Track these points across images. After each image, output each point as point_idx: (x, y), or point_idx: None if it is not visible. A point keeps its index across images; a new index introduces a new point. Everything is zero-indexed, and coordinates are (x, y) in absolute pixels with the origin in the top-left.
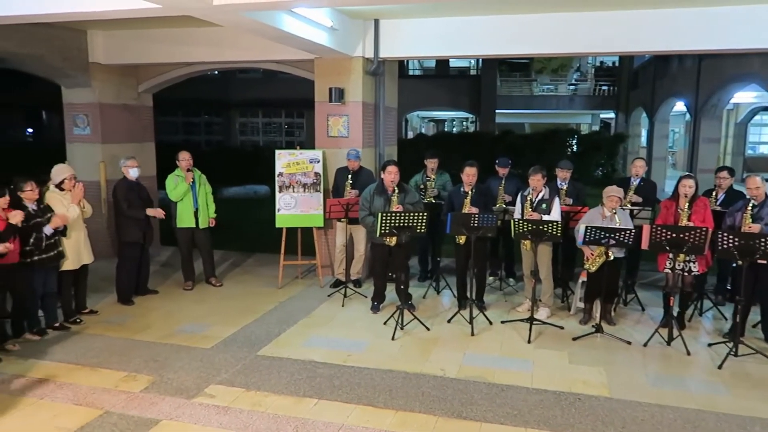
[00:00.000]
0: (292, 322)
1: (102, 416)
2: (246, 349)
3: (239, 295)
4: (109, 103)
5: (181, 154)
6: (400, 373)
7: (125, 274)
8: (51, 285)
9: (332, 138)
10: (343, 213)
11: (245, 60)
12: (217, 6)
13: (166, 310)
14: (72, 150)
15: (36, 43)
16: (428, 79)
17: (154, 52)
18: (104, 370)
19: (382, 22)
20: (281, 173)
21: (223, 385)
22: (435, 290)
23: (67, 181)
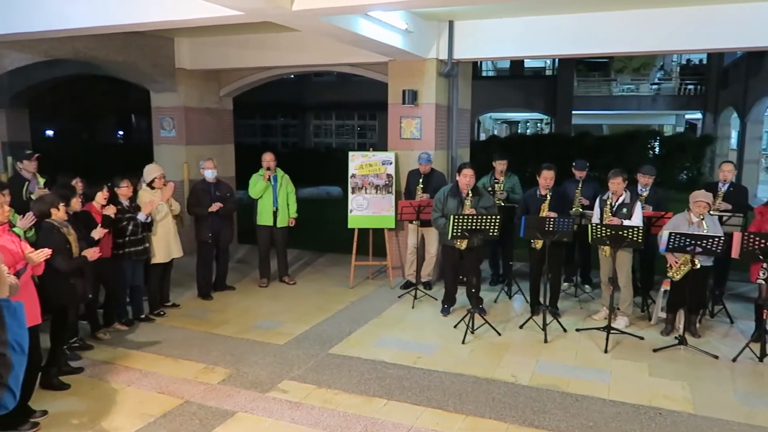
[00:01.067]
0: (362, 322)
1: (183, 405)
2: (318, 346)
3: (311, 294)
4: (192, 107)
5: (264, 155)
6: (470, 378)
7: (203, 271)
8: (139, 278)
9: (405, 140)
10: (415, 215)
11: (321, 63)
12: (296, 11)
13: (242, 306)
14: (159, 151)
15: (129, 51)
16: (502, 80)
17: (235, 57)
18: (185, 361)
19: (457, 24)
20: (354, 175)
21: (295, 381)
22: (507, 295)
23: (157, 180)
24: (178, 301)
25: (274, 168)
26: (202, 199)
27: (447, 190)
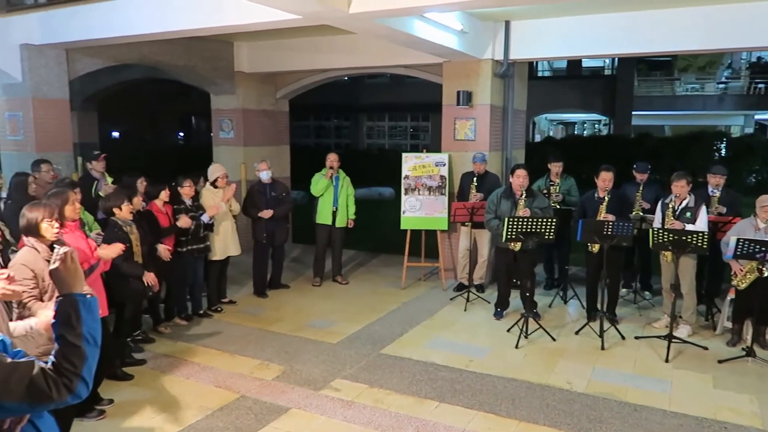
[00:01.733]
0: (414, 323)
1: (239, 399)
2: (369, 346)
3: (364, 294)
4: (250, 109)
5: (329, 155)
6: (524, 383)
7: (259, 269)
8: (199, 275)
9: (459, 141)
10: (468, 216)
11: (375, 65)
12: (352, 14)
13: (296, 304)
14: (218, 152)
15: (191, 55)
16: (558, 80)
17: (292, 60)
18: (241, 357)
19: (513, 23)
20: (407, 176)
21: (347, 380)
22: (562, 299)
23: (220, 179)
24: (234, 298)
25: (337, 168)
26: (258, 201)
27: (500, 192)
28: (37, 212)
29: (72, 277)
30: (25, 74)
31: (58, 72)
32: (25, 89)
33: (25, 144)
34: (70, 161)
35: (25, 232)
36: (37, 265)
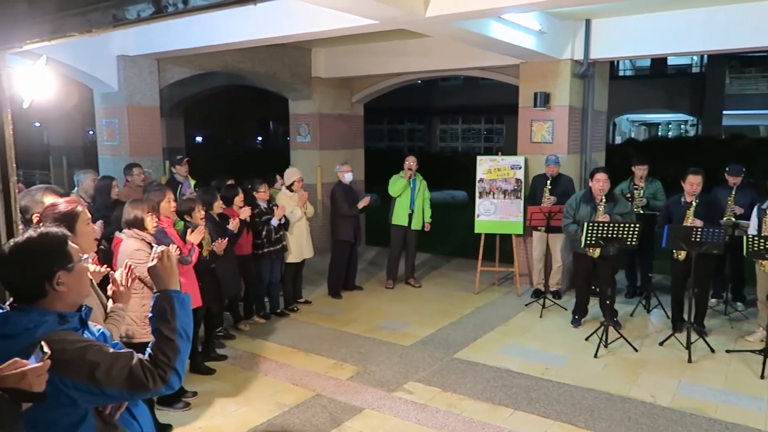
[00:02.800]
0: (488, 329)
1: (314, 398)
2: (443, 350)
3: (437, 298)
4: (326, 113)
5: (408, 157)
6: (603, 394)
7: (336, 270)
8: (276, 275)
9: (535, 144)
10: (545, 221)
11: (450, 68)
12: (429, 18)
13: (369, 305)
14: (295, 156)
15: (271, 62)
16: (641, 79)
17: (367, 64)
18: (316, 356)
19: (594, 22)
20: (482, 179)
21: (420, 383)
22: (644, 308)
23: (297, 183)
24: (310, 298)
25: (415, 170)
26: (346, 201)
27: (579, 196)
28: (141, 208)
29: (168, 274)
30: (121, 83)
31: (150, 81)
32: (120, 98)
33: (120, 149)
34: (159, 165)
35: (129, 226)
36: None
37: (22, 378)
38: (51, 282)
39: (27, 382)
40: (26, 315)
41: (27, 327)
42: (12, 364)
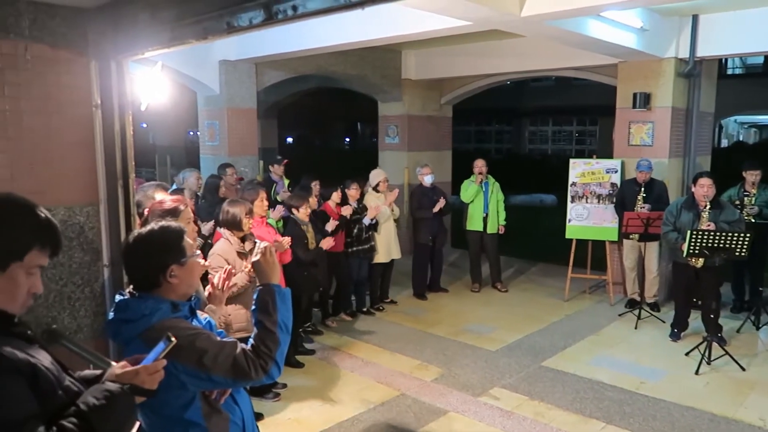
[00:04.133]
0: (578, 338)
1: (399, 397)
2: (530, 357)
3: (524, 303)
4: (415, 115)
5: (476, 161)
6: (706, 414)
7: (419, 272)
8: (363, 274)
9: (633, 147)
10: (642, 228)
11: (544, 68)
12: (524, 17)
13: (454, 308)
14: (383, 156)
15: (362, 65)
16: (753, 78)
17: (458, 66)
18: (401, 355)
19: (702, 18)
20: (574, 183)
21: (506, 389)
22: (753, 325)
23: (382, 184)
24: (395, 299)
25: (485, 174)
26: (424, 203)
27: (680, 202)
28: (239, 208)
29: (270, 269)
30: (222, 87)
31: (249, 84)
32: (221, 100)
33: (219, 149)
34: (255, 165)
35: (226, 225)
36: (230, 255)
37: (135, 375)
38: (165, 274)
39: (140, 378)
40: (143, 302)
41: (144, 313)
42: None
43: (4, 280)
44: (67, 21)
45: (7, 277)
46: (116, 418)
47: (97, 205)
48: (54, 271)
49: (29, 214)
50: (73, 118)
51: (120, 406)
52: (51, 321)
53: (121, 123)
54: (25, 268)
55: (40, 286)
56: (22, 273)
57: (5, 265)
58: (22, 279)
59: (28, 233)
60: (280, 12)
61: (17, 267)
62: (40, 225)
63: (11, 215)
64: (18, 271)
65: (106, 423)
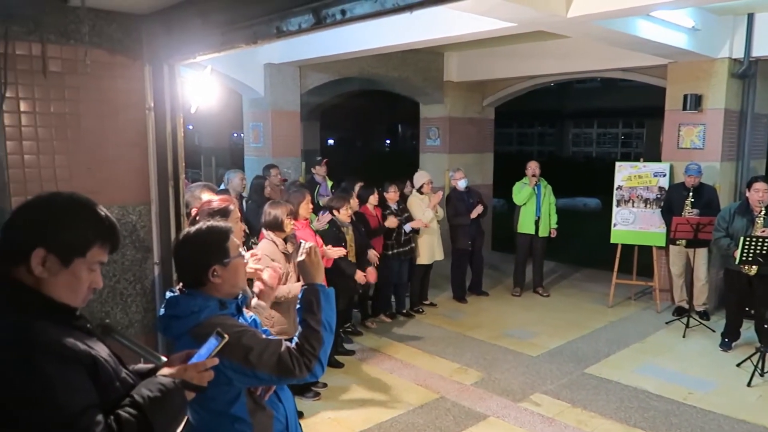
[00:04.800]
0: (623, 345)
1: (438, 400)
2: (572, 363)
3: (566, 308)
4: (457, 117)
5: (529, 163)
6: (759, 428)
7: (458, 277)
8: (403, 276)
9: (683, 150)
10: (692, 233)
11: (590, 70)
12: (570, 18)
13: (494, 312)
14: (424, 159)
15: (405, 67)
16: None
17: (501, 68)
18: (440, 358)
19: (758, 16)
20: (620, 186)
21: (548, 395)
22: None
23: (426, 186)
24: (435, 301)
25: (539, 176)
26: (460, 209)
27: (734, 207)
28: (281, 210)
29: (315, 269)
30: (267, 89)
31: (293, 87)
32: (265, 103)
33: (263, 150)
34: (298, 166)
35: (268, 227)
36: (275, 255)
37: (185, 371)
38: (208, 273)
39: (190, 374)
40: (192, 299)
41: (193, 310)
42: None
43: (67, 275)
44: (123, 27)
45: (70, 272)
46: (169, 411)
47: (148, 205)
48: (108, 267)
49: (91, 212)
50: (127, 120)
51: (173, 399)
52: (104, 316)
53: (172, 125)
54: (87, 264)
55: (101, 281)
56: (84, 268)
57: (69, 261)
58: (84, 274)
59: (91, 230)
60: (329, 16)
61: (80, 263)
62: (102, 223)
63: (75, 213)
64: (80, 267)
65: (160, 415)
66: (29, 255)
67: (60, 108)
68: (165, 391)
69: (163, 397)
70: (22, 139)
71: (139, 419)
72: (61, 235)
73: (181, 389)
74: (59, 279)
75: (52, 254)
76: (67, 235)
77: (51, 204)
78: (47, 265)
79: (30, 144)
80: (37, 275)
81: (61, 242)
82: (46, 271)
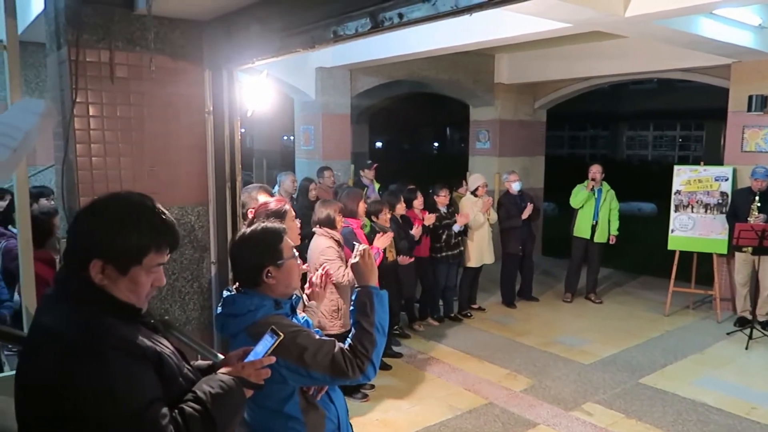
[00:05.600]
0: (680, 356)
1: (486, 405)
2: (626, 373)
3: (620, 316)
4: (507, 120)
5: (592, 166)
6: None
7: (508, 281)
8: (452, 279)
9: (747, 153)
10: (756, 240)
11: (648, 71)
12: (628, 18)
13: (545, 318)
14: (473, 162)
15: (455, 69)
16: None
17: (554, 69)
18: (489, 363)
19: None
20: (679, 191)
21: (600, 405)
22: None
23: (481, 188)
24: (483, 305)
25: (599, 180)
26: (512, 212)
27: None
28: (333, 208)
29: (369, 271)
30: (318, 93)
31: (343, 90)
32: (316, 106)
33: (314, 153)
34: (347, 169)
35: (322, 224)
36: (329, 250)
37: (243, 369)
38: (262, 274)
39: (247, 372)
40: (249, 298)
41: (249, 309)
42: (239, 354)
43: (126, 281)
44: (185, 34)
45: (128, 279)
46: (230, 407)
47: (206, 206)
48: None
49: (146, 218)
50: (187, 123)
51: (233, 396)
52: (163, 312)
53: (230, 128)
54: (146, 269)
55: (163, 279)
56: (142, 273)
57: (126, 269)
58: (144, 278)
59: (145, 238)
60: (386, 20)
61: (137, 269)
62: (156, 229)
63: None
64: (138, 273)
65: (222, 410)
66: (88, 264)
67: (125, 112)
68: (225, 387)
69: (224, 393)
70: (91, 142)
71: (202, 414)
72: (115, 246)
73: (240, 386)
74: (120, 284)
75: (109, 264)
76: (122, 246)
77: (106, 213)
78: (106, 273)
79: (97, 147)
80: (98, 283)
81: (117, 253)
82: (105, 279)
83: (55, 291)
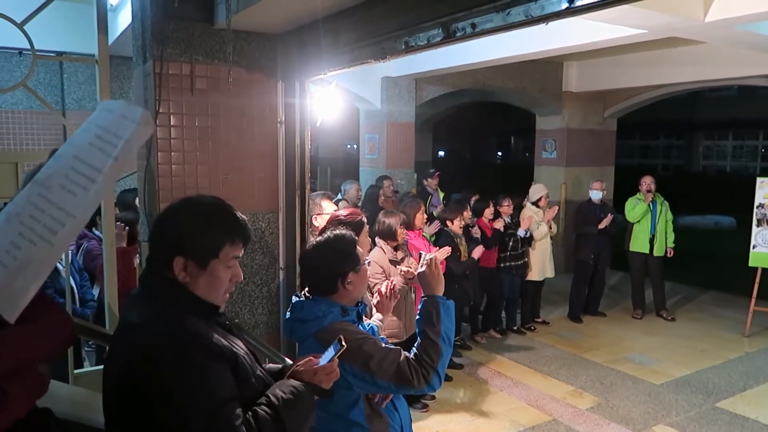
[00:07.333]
0: (762, 379)
1: (550, 423)
2: (701, 396)
3: (694, 335)
4: (575, 129)
5: (644, 178)
6: None
7: (577, 292)
8: (515, 291)
9: None
10: None
11: (728, 77)
12: (708, 23)
13: (613, 334)
14: (539, 172)
15: (521, 78)
16: None
17: (625, 76)
18: (553, 379)
19: None
20: (761, 204)
21: (672, 427)
22: None
23: (543, 199)
24: (547, 319)
25: (654, 192)
26: (589, 219)
27: None
28: (395, 219)
29: (435, 280)
30: (383, 102)
31: (408, 99)
32: (381, 115)
33: (378, 161)
34: (411, 177)
35: (381, 235)
36: (384, 262)
37: (314, 374)
38: (343, 280)
39: (318, 378)
40: (317, 304)
41: (317, 315)
42: (308, 362)
43: (206, 276)
44: (260, 47)
45: (208, 273)
46: (300, 413)
47: (276, 213)
48: None
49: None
50: (260, 133)
51: (304, 402)
52: (233, 316)
53: (301, 138)
54: (223, 262)
55: (240, 273)
56: (221, 267)
57: (205, 264)
58: (222, 272)
59: (220, 231)
60: (459, 30)
61: (216, 263)
62: (229, 222)
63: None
64: (217, 267)
65: (293, 416)
66: (171, 263)
67: (203, 122)
68: (297, 393)
69: (295, 399)
70: (171, 150)
71: (274, 418)
72: (194, 241)
73: (311, 393)
74: (200, 280)
75: (190, 260)
76: (200, 241)
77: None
78: (188, 269)
79: (177, 155)
80: (181, 280)
81: (196, 248)
82: (188, 276)
83: (140, 291)
